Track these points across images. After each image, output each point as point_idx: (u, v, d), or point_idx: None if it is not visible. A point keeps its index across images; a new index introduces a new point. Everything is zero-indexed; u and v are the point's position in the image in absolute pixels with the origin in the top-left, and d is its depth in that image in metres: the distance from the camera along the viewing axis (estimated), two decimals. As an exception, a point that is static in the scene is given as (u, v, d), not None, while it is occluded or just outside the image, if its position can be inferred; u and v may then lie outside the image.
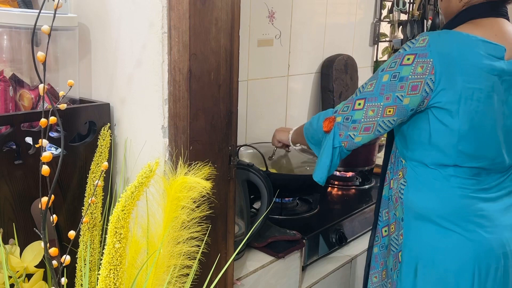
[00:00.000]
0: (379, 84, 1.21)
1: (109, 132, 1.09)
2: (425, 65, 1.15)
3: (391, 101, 1.19)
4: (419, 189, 1.27)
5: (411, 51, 1.17)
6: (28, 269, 0.91)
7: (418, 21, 3.01)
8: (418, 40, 1.18)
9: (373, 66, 2.77)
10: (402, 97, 1.17)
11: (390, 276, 1.39)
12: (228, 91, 1.04)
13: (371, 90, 1.22)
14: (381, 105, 1.20)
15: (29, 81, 1.09)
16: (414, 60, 1.16)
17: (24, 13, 1.04)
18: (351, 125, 1.24)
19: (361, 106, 1.22)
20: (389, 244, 1.40)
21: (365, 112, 1.22)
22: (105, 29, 1.12)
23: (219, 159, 1.06)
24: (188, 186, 0.79)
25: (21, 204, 0.98)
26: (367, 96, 1.22)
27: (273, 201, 1.38)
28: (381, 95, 1.20)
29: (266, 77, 2.08)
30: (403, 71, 1.17)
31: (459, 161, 1.21)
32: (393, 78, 1.18)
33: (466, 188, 1.23)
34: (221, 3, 0.98)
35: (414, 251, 1.28)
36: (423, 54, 1.15)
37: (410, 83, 1.16)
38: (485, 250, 1.22)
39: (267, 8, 2.00)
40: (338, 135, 1.26)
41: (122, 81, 1.10)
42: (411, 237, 1.29)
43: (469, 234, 1.22)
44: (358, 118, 1.23)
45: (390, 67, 1.20)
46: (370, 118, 1.21)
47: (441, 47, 1.16)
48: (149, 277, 0.79)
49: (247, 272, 1.33)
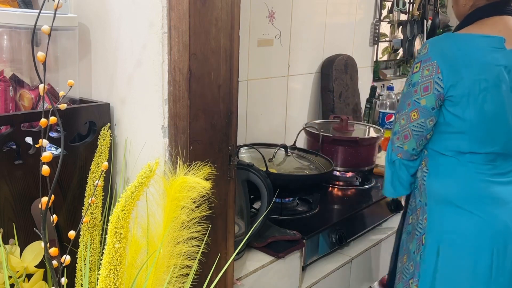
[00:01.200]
0: (402, 96, 1.43)
1: (109, 132, 1.09)
2: (431, 67, 1.32)
3: (411, 106, 1.38)
4: (439, 176, 1.41)
5: (417, 60, 1.37)
6: (28, 269, 0.91)
7: (418, 21, 3.01)
8: (421, 49, 1.37)
9: (373, 66, 2.77)
10: (418, 99, 1.36)
11: (412, 258, 1.51)
12: (228, 91, 1.04)
13: (399, 104, 1.44)
14: (406, 112, 1.40)
15: (29, 81, 1.09)
16: (420, 66, 1.35)
17: (24, 13, 1.04)
18: (395, 137, 1.45)
19: (397, 119, 1.44)
20: (413, 229, 1.51)
21: (399, 123, 1.43)
22: (105, 29, 1.12)
23: (219, 159, 1.06)
24: (188, 186, 0.79)
25: (21, 204, 0.98)
26: (398, 109, 1.44)
27: (273, 201, 1.38)
28: (404, 103, 1.41)
29: (266, 77, 2.08)
30: (414, 78, 1.37)
31: (473, 147, 1.35)
32: (408, 87, 1.39)
33: (483, 173, 1.37)
34: (221, 3, 0.98)
35: (437, 233, 1.41)
36: (426, 59, 1.33)
37: (421, 85, 1.34)
38: (502, 230, 1.35)
39: (267, 8, 2.00)
40: (391, 150, 1.47)
41: (122, 81, 1.10)
42: (434, 220, 1.42)
43: (486, 215, 1.35)
44: (396, 129, 1.44)
45: (407, 79, 1.41)
46: (404, 126, 1.41)
47: (442, 49, 1.33)
48: (149, 277, 0.79)
49: (247, 272, 1.33)
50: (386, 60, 2.92)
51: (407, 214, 1.56)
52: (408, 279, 1.50)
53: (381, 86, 2.79)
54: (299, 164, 1.85)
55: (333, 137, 2.04)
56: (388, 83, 2.84)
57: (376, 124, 2.54)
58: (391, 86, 2.76)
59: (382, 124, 2.58)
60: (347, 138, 2.08)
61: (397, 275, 1.58)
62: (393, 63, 3.01)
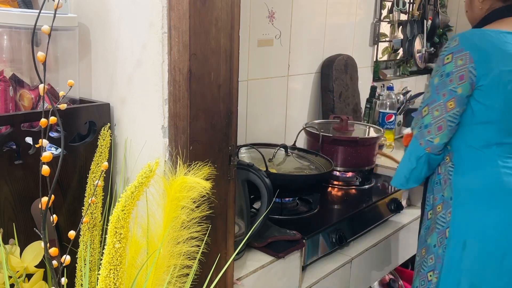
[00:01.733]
0: (433, 88, 1.42)
1: (109, 132, 1.09)
2: (464, 57, 1.36)
3: (448, 96, 1.38)
4: (466, 170, 1.44)
5: (448, 52, 1.39)
6: (28, 269, 0.91)
7: (418, 21, 3.02)
8: (450, 43, 1.40)
9: (373, 66, 2.77)
10: (455, 88, 1.37)
11: (432, 252, 1.53)
12: (228, 91, 1.04)
13: (429, 96, 1.43)
14: (442, 103, 1.39)
15: (29, 81, 1.09)
16: (453, 57, 1.37)
17: (24, 13, 1.04)
18: (426, 131, 1.43)
19: (427, 111, 1.43)
20: (433, 223, 1.54)
21: (431, 115, 1.41)
22: (105, 29, 1.12)
23: (219, 159, 1.06)
24: (188, 186, 0.79)
25: (21, 204, 0.98)
26: (428, 102, 1.43)
27: (273, 201, 1.38)
28: (437, 94, 1.40)
29: (266, 77, 2.08)
30: (446, 68, 1.38)
31: (500, 138, 1.40)
32: (441, 78, 1.39)
33: (508, 166, 1.40)
34: (221, 3, 0.98)
35: (463, 227, 1.44)
36: (458, 50, 1.37)
37: (456, 74, 1.36)
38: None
39: (267, 8, 2.00)
40: (419, 144, 1.44)
41: (122, 81, 1.10)
42: (460, 214, 1.45)
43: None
44: (428, 122, 1.42)
45: (436, 71, 1.42)
46: (438, 117, 1.40)
47: (473, 42, 1.37)
48: (149, 277, 0.79)
49: (247, 272, 1.33)
50: (386, 60, 2.92)
51: (425, 209, 1.59)
52: (426, 272, 1.54)
53: (381, 86, 2.79)
54: (299, 164, 1.85)
55: (333, 137, 2.04)
56: (388, 83, 2.84)
57: (376, 124, 2.53)
58: (391, 86, 2.76)
59: (382, 124, 2.58)
60: (347, 138, 2.08)
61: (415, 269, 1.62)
62: (393, 63, 3.01)
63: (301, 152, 1.94)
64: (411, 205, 2.13)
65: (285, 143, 1.94)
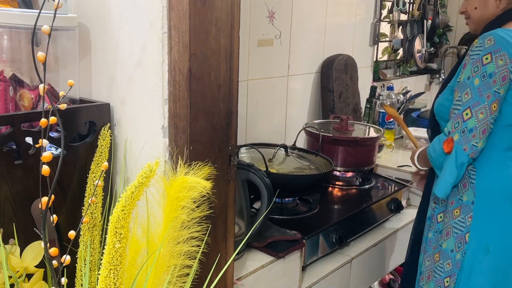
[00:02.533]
0: (474, 89, 1.34)
1: (109, 132, 1.09)
2: (503, 57, 1.32)
3: (492, 98, 1.33)
4: (490, 173, 1.40)
5: (485, 52, 1.34)
6: (28, 269, 0.91)
7: (418, 21, 3.02)
8: (484, 42, 1.34)
9: (373, 66, 2.77)
10: (498, 90, 1.33)
11: (449, 257, 1.47)
12: (228, 91, 1.04)
13: (470, 98, 1.35)
14: (486, 105, 1.33)
15: (29, 81, 1.09)
16: (492, 57, 1.32)
17: (24, 13, 1.04)
18: (470, 135, 1.35)
19: (470, 115, 1.35)
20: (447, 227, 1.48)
21: (476, 118, 1.34)
22: (105, 29, 1.12)
23: (219, 159, 1.06)
24: (188, 186, 0.79)
25: (21, 204, 0.98)
26: (470, 104, 1.35)
27: (273, 201, 1.38)
28: (481, 96, 1.33)
29: (266, 77, 2.08)
30: (488, 69, 1.33)
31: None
32: (483, 78, 1.33)
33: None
34: (221, 3, 0.98)
35: (486, 231, 1.40)
36: (496, 50, 1.32)
37: (499, 75, 1.32)
38: None
39: (267, 8, 2.00)
40: (463, 150, 1.36)
41: (122, 81, 1.10)
42: (483, 218, 1.41)
43: None
44: (473, 126, 1.35)
45: (475, 71, 1.35)
46: (483, 120, 1.34)
47: (508, 40, 1.33)
48: (149, 277, 0.79)
49: (247, 272, 1.33)
50: (386, 60, 2.92)
51: (433, 212, 1.54)
52: (443, 278, 1.49)
53: (381, 86, 2.79)
54: (299, 164, 1.86)
55: (333, 137, 2.04)
56: (388, 83, 2.84)
57: (376, 124, 2.54)
58: (391, 86, 2.76)
59: (382, 124, 2.58)
60: (347, 138, 2.08)
61: (422, 275, 1.56)
62: (393, 63, 3.01)
63: (301, 152, 1.94)
64: (411, 205, 2.13)
65: (285, 143, 1.94)
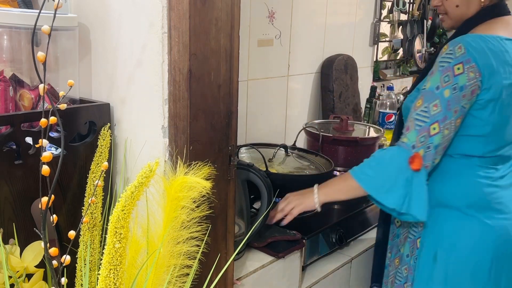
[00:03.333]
0: (444, 102, 1.23)
1: (109, 132, 1.09)
2: (474, 70, 1.22)
3: (459, 113, 1.24)
4: (443, 179, 1.35)
5: (457, 61, 1.23)
6: (28, 269, 0.91)
7: (418, 21, 3.02)
8: (454, 50, 1.24)
9: (373, 66, 2.77)
10: (465, 104, 1.24)
11: (406, 262, 1.45)
12: (228, 91, 1.04)
13: (439, 111, 1.24)
14: (452, 120, 1.24)
15: (29, 81, 1.09)
16: (464, 68, 1.22)
17: (24, 13, 1.04)
18: (434, 152, 1.25)
19: (437, 130, 1.24)
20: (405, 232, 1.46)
21: (442, 134, 1.24)
22: (105, 29, 1.12)
23: (219, 159, 1.06)
24: (188, 186, 0.79)
25: (21, 204, 0.98)
26: (438, 118, 1.24)
27: (273, 201, 1.38)
28: (449, 110, 1.23)
29: (266, 77, 2.08)
30: (460, 81, 1.22)
31: (486, 151, 1.30)
32: (454, 91, 1.23)
33: (489, 177, 1.32)
34: (221, 3, 0.98)
35: (435, 237, 1.35)
36: (467, 60, 1.22)
37: (470, 89, 1.23)
38: (504, 236, 1.31)
39: (267, 8, 2.00)
40: (425, 168, 1.26)
41: (122, 81, 1.10)
42: (433, 224, 1.35)
43: (491, 220, 1.31)
44: (438, 142, 1.24)
45: (445, 82, 1.24)
46: (447, 136, 1.25)
47: (478, 52, 1.23)
48: (149, 277, 0.79)
49: (247, 272, 1.33)
50: (386, 60, 2.93)
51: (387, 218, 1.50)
52: (402, 283, 1.46)
53: (381, 86, 2.79)
54: (299, 164, 1.85)
55: (333, 137, 2.04)
56: (388, 83, 2.84)
57: (376, 124, 2.54)
58: (391, 86, 2.76)
59: (382, 124, 2.58)
60: (347, 138, 2.08)
61: (389, 279, 1.54)
62: (393, 63, 3.01)
63: (301, 152, 1.94)
64: (411, 205, 2.13)
65: (285, 143, 1.94)
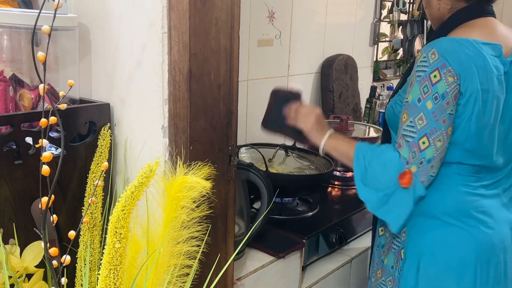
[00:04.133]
0: (429, 114, 1.20)
1: (109, 132, 1.09)
2: (451, 74, 1.17)
3: (447, 122, 1.19)
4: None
5: (432, 68, 1.18)
6: (28, 269, 0.91)
7: (418, 21, 3.01)
8: (428, 56, 1.19)
9: (373, 66, 2.77)
10: (452, 111, 1.19)
11: (390, 274, 1.40)
12: (228, 91, 1.04)
13: (425, 124, 1.20)
14: (443, 131, 1.20)
15: (29, 81, 1.09)
16: (441, 74, 1.18)
17: (24, 13, 1.04)
18: (429, 166, 1.21)
19: (427, 143, 1.20)
20: (388, 242, 1.42)
21: (434, 147, 1.20)
22: (105, 29, 1.12)
23: (219, 159, 1.06)
24: (188, 186, 0.79)
25: (21, 204, 0.98)
26: (426, 131, 1.20)
27: (273, 201, 1.38)
28: (437, 122, 1.19)
29: (266, 77, 2.08)
30: (439, 89, 1.18)
31: (463, 158, 1.25)
32: (436, 101, 1.19)
33: (469, 185, 1.27)
34: (221, 3, 0.98)
35: (417, 247, 1.30)
36: (443, 65, 1.17)
37: (452, 95, 1.18)
38: (487, 245, 1.26)
39: (267, 8, 2.00)
40: (421, 182, 1.22)
41: (122, 81, 1.10)
42: (414, 233, 1.31)
43: (471, 229, 1.26)
44: (431, 156, 1.20)
45: (425, 92, 1.20)
46: (440, 148, 1.21)
47: (453, 55, 1.18)
48: (149, 277, 0.79)
49: (247, 272, 1.33)
50: (386, 60, 2.92)
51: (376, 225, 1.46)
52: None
53: (381, 86, 2.79)
54: (299, 164, 1.85)
55: (333, 137, 2.03)
56: (388, 83, 2.84)
57: (376, 124, 2.53)
58: (391, 86, 2.76)
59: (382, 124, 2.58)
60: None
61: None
62: (393, 63, 3.01)
63: (301, 152, 1.94)
64: (411, 205, 2.13)
65: (285, 143, 1.94)
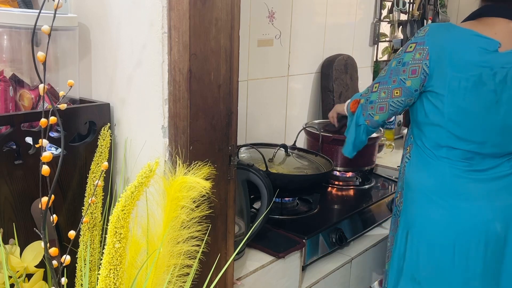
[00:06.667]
0: (389, 69, 1.42)
1: (109, 132, 1.09)
2: (422, 52, 1.34)
3: (397, 84, 1.39)
4: (416, 164, 1.46)
5: (414, 40, 1.37)
6: (28, 269, 0.91)
7: (418, 21, 3.01)
8: (421, 30, 1.37)
9: (373, 66, 2.77)
10: (404, 80, 1.37)
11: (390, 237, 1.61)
12: (228, 91, 1.04)
13: (383, 75, 1.43)
14: (390, 87, 1.40)
15: (29, 81, 1.09)
16: (415, 48, 1.35)
17: (24, 13, 1.04)
18: (369, 105, 1.45)
19: (376, 89, 1.44)
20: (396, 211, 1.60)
21: (378, 94, 1.43)
22: (105, 29, 1.12)
23: (219, 159, 1.06)
24: (188, 186, 0.79)
25: (21, 204, 0.98)
26: (380, 80, 1.44)
27: (273, 201, 1.38)
28: (389, 78, 1.40)
29: (266, 77, 2.07)
30: (405, 57, 1.37)
31: (450, 142, 1.37)
32: (398, 64, 1.39)
33: (457, 168, 1.39)
34: (221, 3, 0.98)
35: (408, 218, 1.48)
36: (421, 42, 1.34)
37: (410, 67, 1.35)
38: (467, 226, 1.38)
39: (267, 8, 2.00)
40: (362, 114, 1.47)
41: (122, 81, 1.10)
42: (408, 206, 1.48)
43: (454, 210, 1.39)
44: (374, 99, 1.44)
45: (398, 54, 1.42)
46: (383, 99, 1.42)
47: (437, 38, 1.33)
48: (149, 277, 0.79)
49: (247, 272, 1.33)
50: (386, 60, 2.92)
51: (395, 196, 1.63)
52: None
53: (381, 86, 2.78)
54: (299, 164, 1.85)
55: (333, 137, 2.04)
56: (388, 83, 2.83)
57: (376, 124, 2.53)
58: (391, 86, 2.75)
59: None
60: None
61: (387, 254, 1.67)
62: (393, 63, 3.01)
63: (301, 152, 1.94)
64: (411, 205, 2.13)
65: (285, 143, 1.94)
